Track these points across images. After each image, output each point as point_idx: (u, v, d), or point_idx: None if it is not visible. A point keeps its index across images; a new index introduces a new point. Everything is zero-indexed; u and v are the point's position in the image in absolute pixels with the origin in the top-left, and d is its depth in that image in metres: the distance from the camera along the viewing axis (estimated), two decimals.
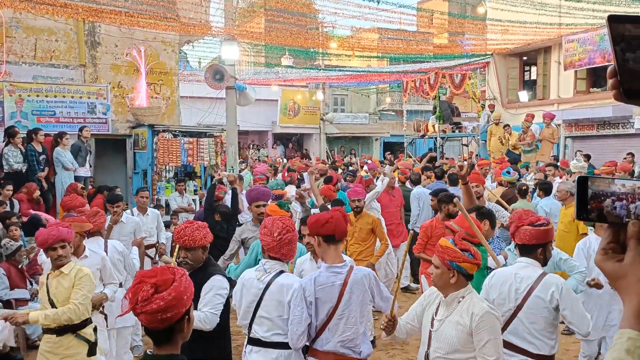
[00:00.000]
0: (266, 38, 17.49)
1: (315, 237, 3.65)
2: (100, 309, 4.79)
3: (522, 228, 3.60)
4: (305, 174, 11.11)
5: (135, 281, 2.17)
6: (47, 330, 4.09)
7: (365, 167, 13.02)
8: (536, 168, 12.32)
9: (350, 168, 14.17)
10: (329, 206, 6.57)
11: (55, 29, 11.87)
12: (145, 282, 2.12)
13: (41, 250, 4.43)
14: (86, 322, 4.16)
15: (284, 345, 3.62)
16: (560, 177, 10.61)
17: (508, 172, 9.16)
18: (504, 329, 3.49)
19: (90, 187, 10.24)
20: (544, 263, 3.66)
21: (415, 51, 21.52)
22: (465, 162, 7.55)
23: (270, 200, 6.34)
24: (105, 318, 4.95)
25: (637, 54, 0.85)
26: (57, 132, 10.10)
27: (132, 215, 7.12)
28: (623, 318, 0.91)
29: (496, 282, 3.68)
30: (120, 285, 5.25)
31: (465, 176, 5.29)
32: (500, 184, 9.47)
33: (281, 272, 3.73)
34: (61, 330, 4.03)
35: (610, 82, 0.89)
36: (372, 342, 5.44)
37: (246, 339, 3.82)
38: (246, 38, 16.84)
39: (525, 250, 3.64)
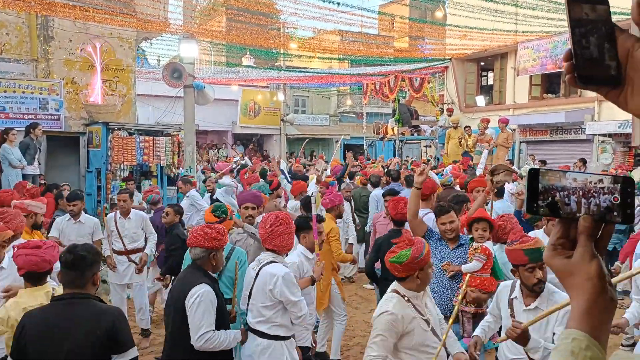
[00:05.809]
0: (227, 37, 17.26)
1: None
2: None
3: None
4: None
5: None
6: None
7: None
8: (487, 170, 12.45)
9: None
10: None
11: (6, 21, 11.41)
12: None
13: None
14: None
15: (265, 335, 3.74)
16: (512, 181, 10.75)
17: (441, 175, 9.13)
18: None
19: (40, 184, 9.87)
20: None
21: (376, 54, 21.67)
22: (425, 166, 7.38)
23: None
24: None
25: (593, 40, 0.82)
26: (3, 128, 9.70)
27: (117, 218, 6.90)
28: (570, 317, 0.87)
29: None
30: None
31: (422, 182, 4.98)
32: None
33: (271, 262, 3.83)
34: None
35: (565, 65, 0.85)
36: None
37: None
38: (206, 36, 16.59)
39: None
